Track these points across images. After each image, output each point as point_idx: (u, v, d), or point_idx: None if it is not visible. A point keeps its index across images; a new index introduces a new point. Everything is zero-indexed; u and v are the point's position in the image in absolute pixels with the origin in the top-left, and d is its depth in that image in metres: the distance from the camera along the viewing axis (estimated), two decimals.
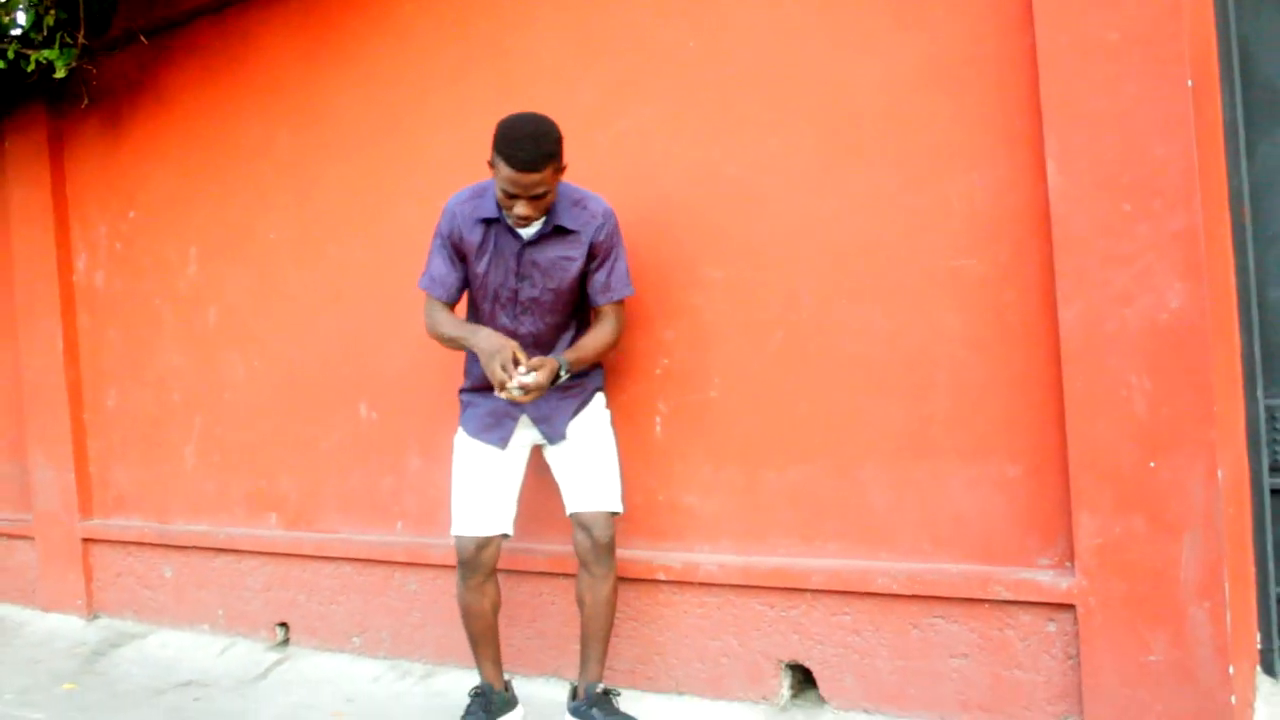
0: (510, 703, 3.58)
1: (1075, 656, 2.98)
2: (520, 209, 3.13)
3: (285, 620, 4.63)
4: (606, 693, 3.47)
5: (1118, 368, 2.83)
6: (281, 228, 4.60)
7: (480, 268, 3.35)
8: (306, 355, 4.54)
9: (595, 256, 3.32)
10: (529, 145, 3.04)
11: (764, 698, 3.48)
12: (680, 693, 3.63)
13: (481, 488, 3.44)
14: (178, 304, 4.98)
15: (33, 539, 5.58)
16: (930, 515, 3.23)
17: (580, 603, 3.46)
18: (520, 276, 3.32)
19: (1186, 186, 2.74)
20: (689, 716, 3.52)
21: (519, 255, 3.30)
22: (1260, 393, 3.04)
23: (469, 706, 3.49)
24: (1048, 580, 3.00)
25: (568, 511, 3.46)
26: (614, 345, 3.44)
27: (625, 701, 3.56)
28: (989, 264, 3.10)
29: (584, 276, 3.37)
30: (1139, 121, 2.79)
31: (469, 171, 3.69)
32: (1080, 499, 2.91)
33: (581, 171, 3.73)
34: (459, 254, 3.37)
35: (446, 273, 3.38)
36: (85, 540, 5.32)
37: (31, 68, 4.60)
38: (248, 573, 4.73)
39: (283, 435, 4.64)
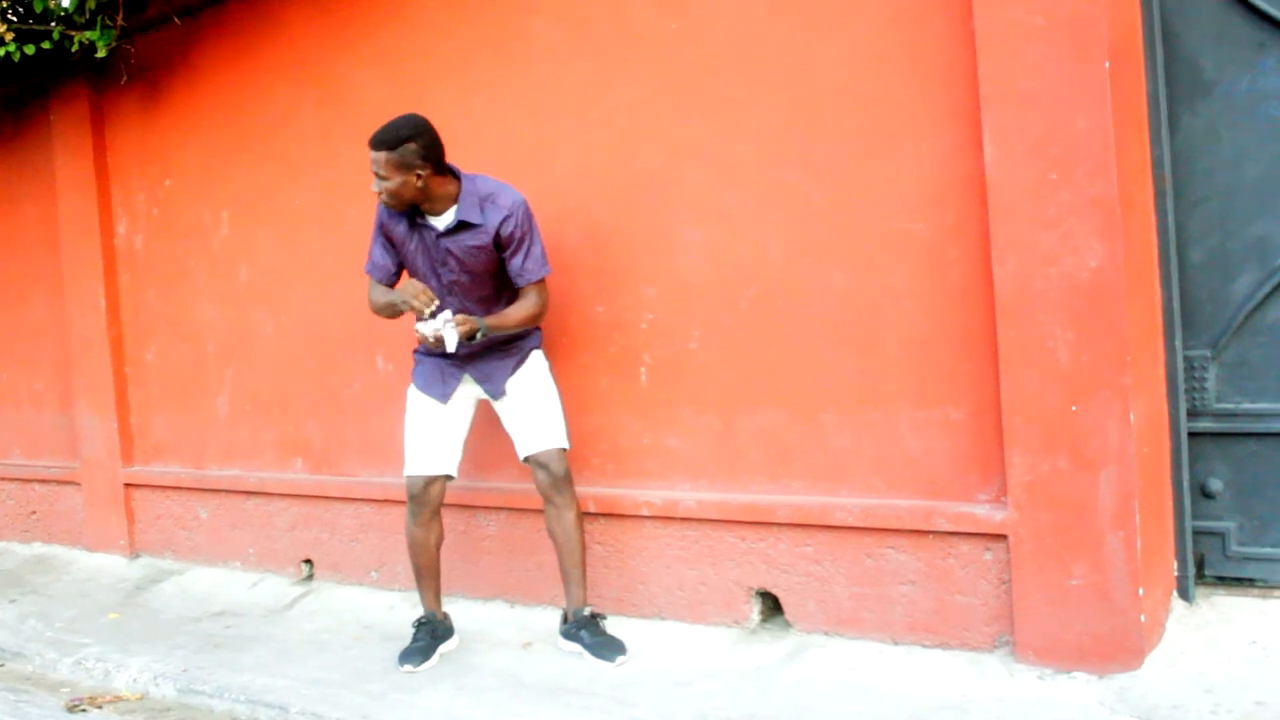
0: (450, 630, 4.05)
1: (1008, 582, 3.31)
2: (374, 184, 3.62)
3: (310, 557, 5.03)
4: (594, 616, 3.85)
5: (1044, 321, 3.15)
6: (306, 194, 4.96)
7: (408, 255, 3.79)
8: (329, 311, 4.91)
9: (507, 246, 3.70)
10: (379, 131, 3.59)
11: (737, 621, 3.84)
12: (662, 618, 3.99)
13: (428, 433, 3.89)
14: (211, 264, 5.37)
15: (79, 484, 6.01)
16: (883, 456, 3.56)
17: (551, 535, 3.87)
18: (440, 262, 3.74)
19: (1104, 157, 3.04)
20: (670, 638, 3.87)
21: (436, 244, 3.72)
22: (1179, 344, 3.33)
23: (415, 635, 3.97)
24: (984, 513, 3.33)
25: (521, 457, 3.88)
26: (537, 318, 3.81)
27: (611, 625, 3.93)
28: (934, 227, 3.41)
29: (503, 262, 3.75)
30: (1063, 99, 3.09)
31: (474, 145, 4.05)
32: (1012, 440, 3.24)
33: (574, 144, 4.09)
34: (392, 242, 3.81)
35: (383, 258, 3.85)
36: (127, 485, 5.75)
37: (75, 48, 4.99)
38: (276, 513, 5.13)
39: (308, 385, 5.03)
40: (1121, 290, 3.04)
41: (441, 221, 3.69)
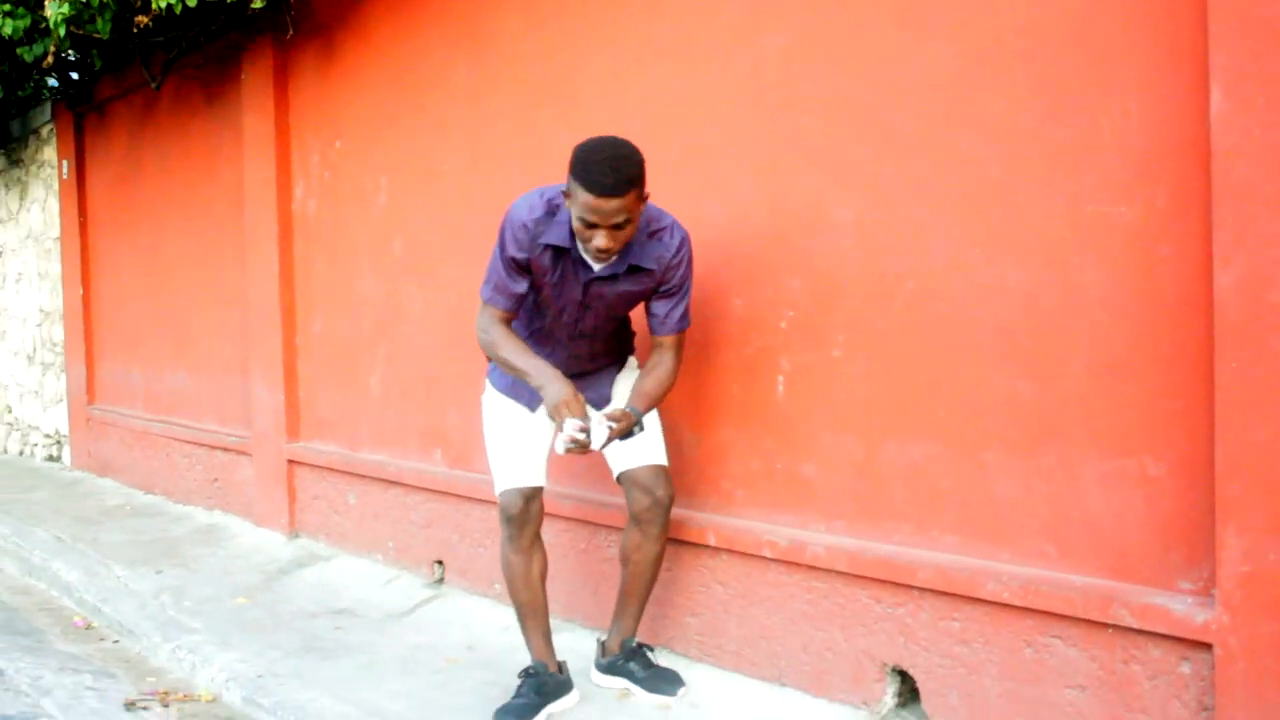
0: (564, 685, 3.27)
1: (1210, 709, 2.38)
2: (600, 240, 2.79)
3: (441, 559, 4.55)
4: (641, 646, 3.33)
5: None
6: (455, 159, 4.47)
7: (545, 291, 3.07)
8: (472, 288, 4.38)
9: (663, 287, 3.01)
10: (609, 169, 2.72)
11: (865, 702, 3.04)
12: (783, 683, 3.25)
13: (519, 442, 3.26)
14: (371, 232, 4.97)
15: (251, 455, 5.79)
16: (1058, 514, 2.68)
17: (625, 560, 3.28)
18: (585, 307, 3.06)
19: None
20: (789, 712, 3.14)
21: (586, 288, 3.02)
22: None
23: (519, 689, 3.22)
24: (1181, 610, 2.41)
25: (616, 473, 3.23)
26: (674, 380, 3.10)
27: (728, 684, 3.33)
28: (1142, 211, 2.51)
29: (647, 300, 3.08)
30: None
31: (616, 99, 3.44)
32: (1226, 511, 2.32)
33: (718, 100, 3.43)
34: (523, 269, 3.04)
35: (514, 284, 3.05)
36: (290, 461, 5.45)
37: None
38: (413, 507, 4.68)
39: (449, 370, 4.54)
40: None
41: (600, 265, 2.98)
